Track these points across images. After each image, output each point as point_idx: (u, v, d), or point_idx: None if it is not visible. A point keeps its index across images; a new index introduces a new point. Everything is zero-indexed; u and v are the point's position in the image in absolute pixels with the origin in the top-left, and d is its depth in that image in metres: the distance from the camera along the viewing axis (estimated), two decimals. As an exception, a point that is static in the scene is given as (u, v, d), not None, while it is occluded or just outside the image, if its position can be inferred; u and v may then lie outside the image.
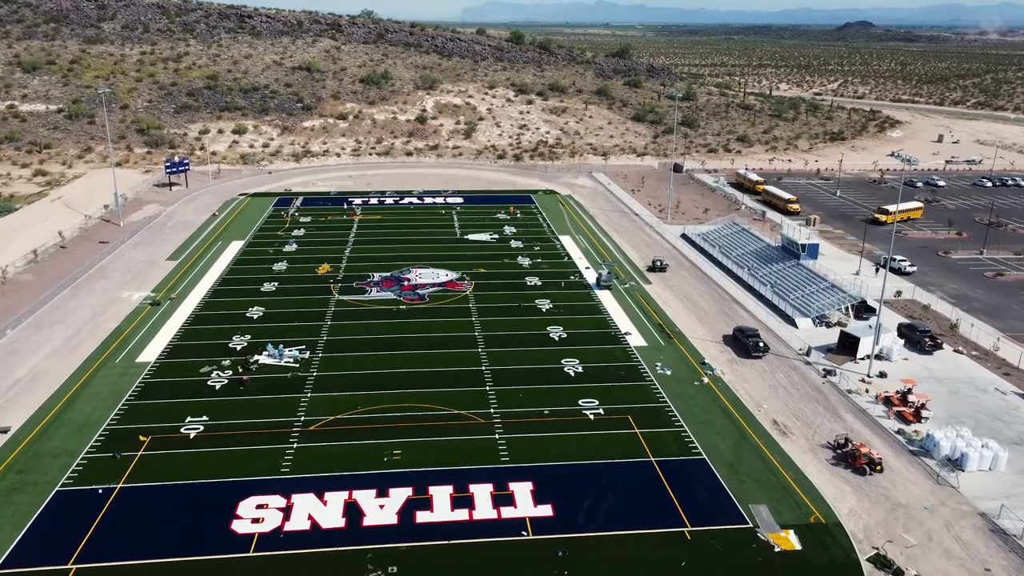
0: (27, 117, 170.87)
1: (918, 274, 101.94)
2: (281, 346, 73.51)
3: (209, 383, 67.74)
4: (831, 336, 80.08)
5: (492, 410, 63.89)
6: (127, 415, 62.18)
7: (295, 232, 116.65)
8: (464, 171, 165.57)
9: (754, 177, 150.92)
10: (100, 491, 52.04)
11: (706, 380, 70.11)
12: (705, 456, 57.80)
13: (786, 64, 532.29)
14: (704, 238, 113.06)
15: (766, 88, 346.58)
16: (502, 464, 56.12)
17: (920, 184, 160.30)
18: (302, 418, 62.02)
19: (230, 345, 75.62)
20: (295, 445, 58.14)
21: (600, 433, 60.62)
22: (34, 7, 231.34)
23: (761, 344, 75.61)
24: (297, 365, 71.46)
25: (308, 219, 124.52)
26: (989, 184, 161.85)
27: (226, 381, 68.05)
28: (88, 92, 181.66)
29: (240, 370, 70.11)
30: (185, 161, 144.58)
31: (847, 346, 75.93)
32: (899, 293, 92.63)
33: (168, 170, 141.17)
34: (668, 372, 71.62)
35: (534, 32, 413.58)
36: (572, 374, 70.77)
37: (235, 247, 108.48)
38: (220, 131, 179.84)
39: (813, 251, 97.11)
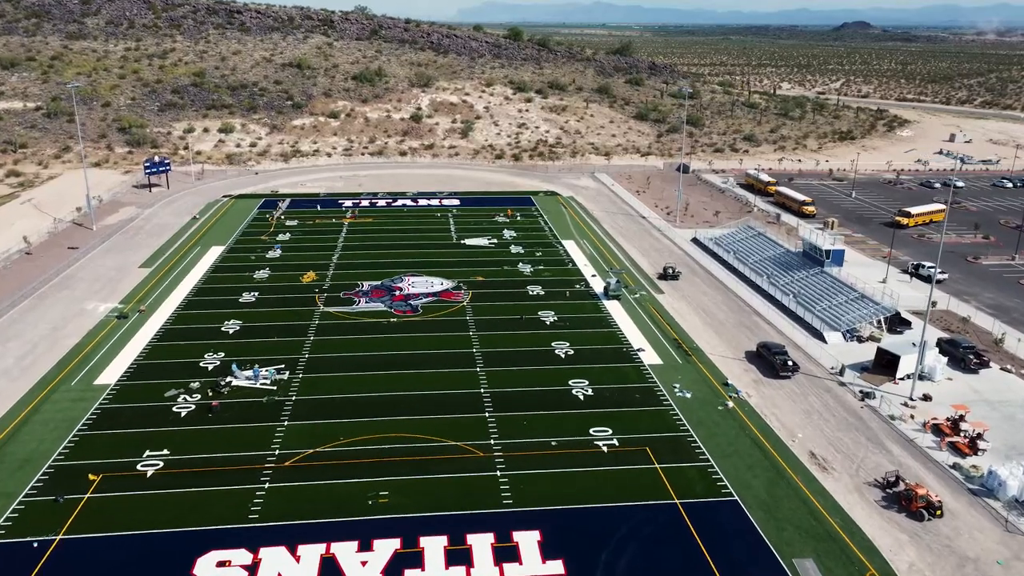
0: (3, 115, 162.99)
1: (949, 282, 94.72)
2: (256, 366, 65.98)
3: (175, 409, 60.24)
4: (864, 352, 72.85)
5: (492, 441, 56.47)
6: (77, 448, 54.64)
7: (280, 236, 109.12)
8: (461, 172, 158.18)
9: (765, 178, 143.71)
10: (35, 544, 44.54)
11: (731, 404, 62.78)
12: (736, 497, 50.44)
13: (786, 64, 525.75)
14: (717, 243, 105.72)
15: (768, 87, 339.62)
16: (504, 508, 48.70)
17: (938, 185, 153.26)
18: (276, 452, 54.55)
19: (201, 364, 68.06)
20: (266, 485, 50.64)
21: (615, 469, 53.23)
22: (15, 2, 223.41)
23: (790, 362, 68.25)
24: (275, 388, 64.00)
25: (295, 222, 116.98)
26: (1010, 185, 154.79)
27: (194, 407, 60.55)
28: (68, 90, 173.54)
29: (210, 393, 62.64)
30: (166, 161, 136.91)
31: (884, 364, 68.62)
32: (934, 303, 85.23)
33: (148, 170, 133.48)
34: (688, 395, 64.25)
35: (531, 32, 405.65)
36: (581, 397, 63.39)
37: (215, 253, 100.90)
38: (206, 130, 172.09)
39: (838, 257, 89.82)
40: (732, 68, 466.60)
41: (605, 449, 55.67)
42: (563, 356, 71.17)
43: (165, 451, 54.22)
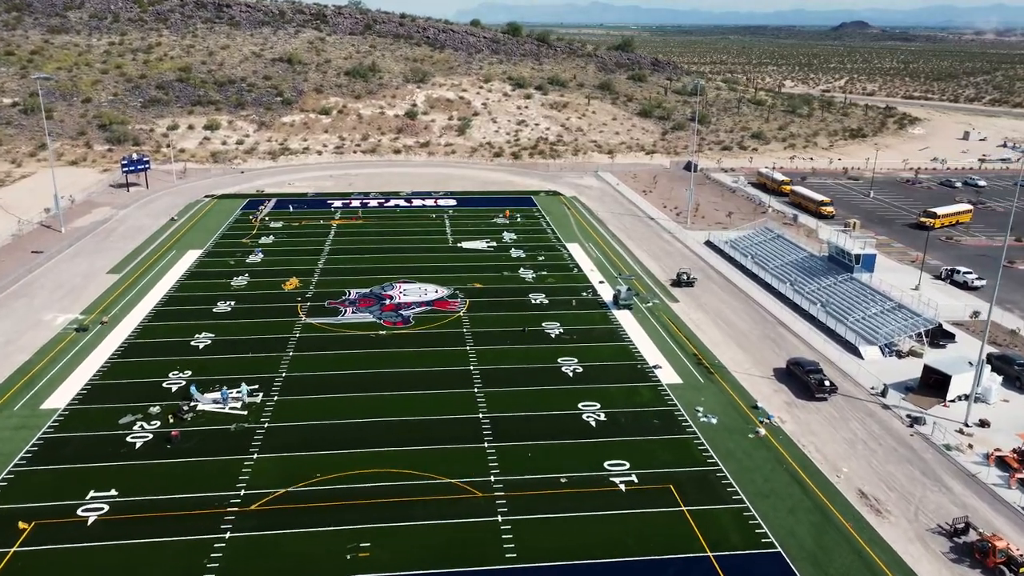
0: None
1: (987, 288, 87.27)
2: (225, 387, 58.39)
3: (129, 439, 52.63)
4: (905, 370, 65.47)
5: (493, 478, 48.95)
6: (10, 489, 46.98)
7: (263, 239, 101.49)
8: (458, 170, 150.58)
9: (779, 177, 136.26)
10: (-58, 615, 37.07)
11: (763, 432, 55.33)
12: (780, 548, 42.97)
13: (786, 62, 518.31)
14: (734, 246, 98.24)
15: (771, 85, 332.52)
16: (507, 564, 41.19)
17: (959, 184, 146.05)
18: (242, 492, 46.94)
19: (165, 385, 60.48)
20: (227, 535, 43.05)
21: (636, 512, 45.72)
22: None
23: (826, 382, 60.78)
24: (245, 412, 56.44)
25: (279, 224, 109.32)
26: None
27: (151, 436, 52.96)
28: (48, 85, 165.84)
29: (171, 420, 55.06)
30: (144, 159, 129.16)
31: (932, 384, 61.26)
32: (976, 314, 78.05)
33: (125, 169, 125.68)
34: (713, 420, 56.79)
35: (530, 30, 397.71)
36: (593, 424, 55.90)
37: (191, 257, 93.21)
38: (190, 127, 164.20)
39: (869, 263, 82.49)
40: (733, 67, 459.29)
41: (623, 487, 48.17)
42: (571, 374, 63.68)
43: (112, 491, 46.60)
